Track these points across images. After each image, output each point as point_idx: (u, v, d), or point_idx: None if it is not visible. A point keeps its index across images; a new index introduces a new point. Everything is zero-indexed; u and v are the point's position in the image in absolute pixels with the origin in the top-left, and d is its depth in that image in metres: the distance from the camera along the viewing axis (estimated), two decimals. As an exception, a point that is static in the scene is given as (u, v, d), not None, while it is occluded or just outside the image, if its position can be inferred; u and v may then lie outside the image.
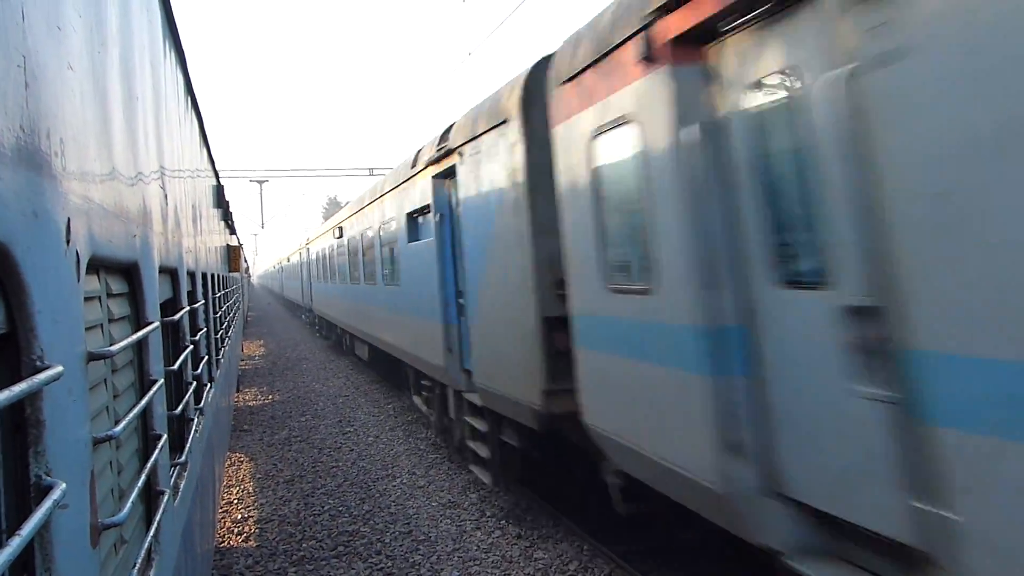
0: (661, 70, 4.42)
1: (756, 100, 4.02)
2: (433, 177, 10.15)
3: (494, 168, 7.77)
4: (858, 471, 3.47)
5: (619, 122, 5.02)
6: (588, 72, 5.45)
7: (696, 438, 4.35)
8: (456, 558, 7.55)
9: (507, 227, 7.42)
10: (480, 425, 9.01)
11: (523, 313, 7.05)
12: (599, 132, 5.33)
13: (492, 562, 7.38)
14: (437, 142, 10.21)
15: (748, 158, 4.11)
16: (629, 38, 4.75)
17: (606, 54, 5.11)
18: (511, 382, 7.48)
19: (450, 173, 9.55)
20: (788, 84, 3.81)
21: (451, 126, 9.70)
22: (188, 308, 4.68)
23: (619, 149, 5.09)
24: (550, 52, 6.71)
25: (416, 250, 11.33)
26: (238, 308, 20.66)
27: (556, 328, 6.64)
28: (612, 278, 5.40)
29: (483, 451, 9.03)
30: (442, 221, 9.99)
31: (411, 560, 7.59)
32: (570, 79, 5.75)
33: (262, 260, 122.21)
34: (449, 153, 9.39)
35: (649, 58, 4.50)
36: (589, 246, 5.67)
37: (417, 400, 13.27)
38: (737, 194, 4.20)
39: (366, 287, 16.33)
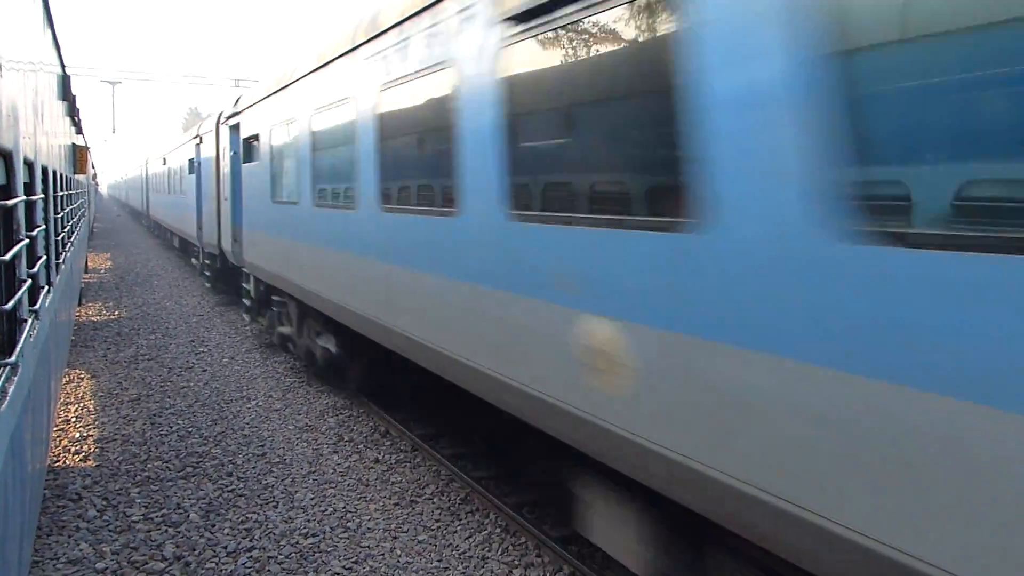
0: None
1: None
2: None
3: None
4: None
5: None
6: None
7: None
8: (311, 480, 7.43)
9: None
10: None
11: None
12: None
13: (348, 485, 7.31)
14: None
15: None
16: None
17: None
18: None
19: None
20: None
21: None
22: (24, 199, 4.21)
23: None
24: None
25: None
26: (83, 215, 19.16)
27: None
28: None
29: None
30: None
31: (264, 482, 7.40)
32: None
33: (113, 169, 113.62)
34: None
35: None
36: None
37: None
38: None
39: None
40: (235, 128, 14.00)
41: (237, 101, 14.25)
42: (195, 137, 19.69)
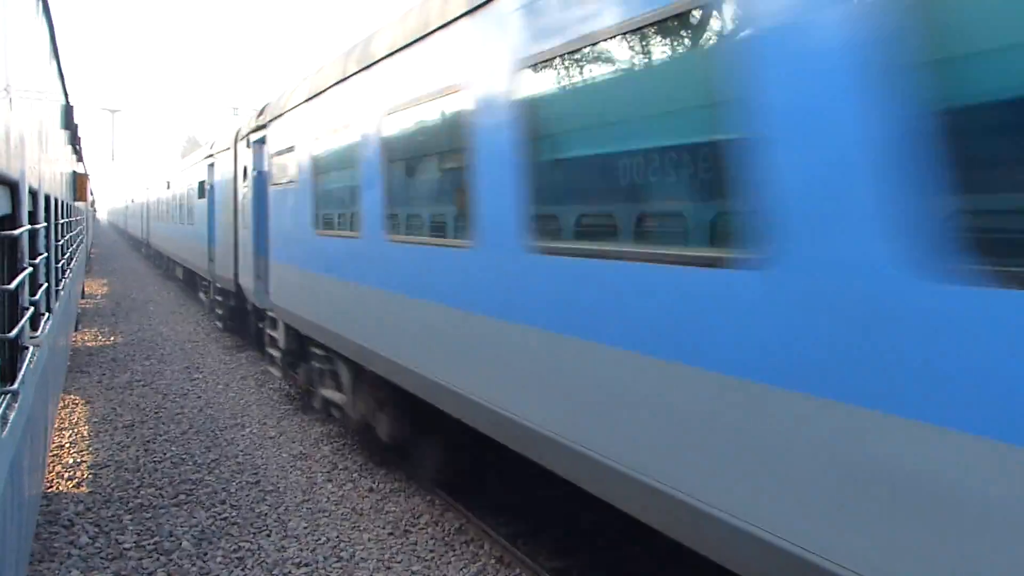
0: None
1: None
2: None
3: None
4: None
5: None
6: None
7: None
8: (305, 509, 7.42)
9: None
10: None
11: None
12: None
13: (342, 514, 7.31)
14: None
15: None
16: None
17: None
18: None
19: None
20: None
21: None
22: (28, 227, 4.29)
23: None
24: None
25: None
26: (82, 241, 19.25)
27: None
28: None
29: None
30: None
31: (257, 510, 7.40)
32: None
33: (111, 195, 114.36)
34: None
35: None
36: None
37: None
38: None
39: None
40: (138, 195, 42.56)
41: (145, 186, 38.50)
42: (137, 193, 41.62)
